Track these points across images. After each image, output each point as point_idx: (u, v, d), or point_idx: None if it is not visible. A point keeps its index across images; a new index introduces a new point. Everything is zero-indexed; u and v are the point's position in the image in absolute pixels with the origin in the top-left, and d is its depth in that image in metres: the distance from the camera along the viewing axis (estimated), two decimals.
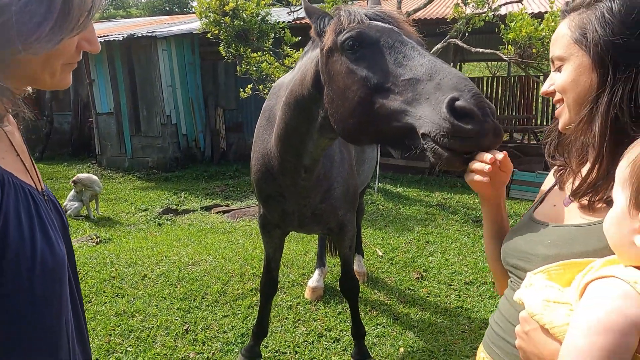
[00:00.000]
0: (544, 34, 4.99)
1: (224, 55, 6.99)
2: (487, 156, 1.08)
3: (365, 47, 1.47)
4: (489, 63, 20.85)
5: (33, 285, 0.86)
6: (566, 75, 1.01)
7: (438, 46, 6.36)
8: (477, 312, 3.68)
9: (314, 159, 2.16)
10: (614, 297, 0.74)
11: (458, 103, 1.14)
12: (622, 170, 0.83)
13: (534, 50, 5.21)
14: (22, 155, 0.99)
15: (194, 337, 3.25)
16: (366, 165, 3.14)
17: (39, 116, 11.23)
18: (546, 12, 5.49)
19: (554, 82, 1.06)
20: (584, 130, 0.99)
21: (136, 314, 3.53)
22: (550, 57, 1.08)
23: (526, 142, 11.49)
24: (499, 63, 20.30)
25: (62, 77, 0.92)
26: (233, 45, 6.84)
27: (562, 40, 1.02)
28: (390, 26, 1.51)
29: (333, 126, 1.66)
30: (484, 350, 1.15)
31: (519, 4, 6.03)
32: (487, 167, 1.08)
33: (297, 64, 2.07)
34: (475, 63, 20.98)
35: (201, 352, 3.09)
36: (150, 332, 3.30)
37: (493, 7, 5.79)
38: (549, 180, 1.23)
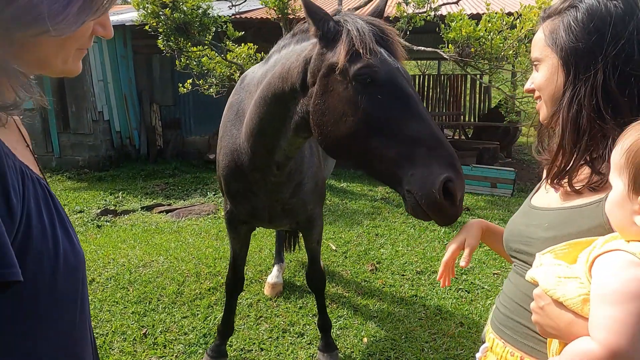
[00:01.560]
0: (481, 34, 5.27)
1: (162, 48, 6.72)
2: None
3: (375, 85, 1.52)
4: (419, 62, 21.64)
5: (57, 284, 0.80)
6: (542, 75, 1.13)
7: None
8: (430, 299, 3.84)
9: (288, 156, 2.14)
10: (626, 267, 0.83)
11: (451, 185, 1.33)
12: (617, 157, 0.92)
13: (472, 50, 5.49)
14: (30, 146, 0.92)
15: (153, 340, 3.13)
16: (330, 159, 3.17)
17: None
18: (480, 14, 5.81)
19: (534, 80, 1.17)
20: (555, 123, 1.10)
21: None
22: (530, 58, 1.20)
23: (457, 137, 12.09)
24: (428, 62, 21.14)
25: (74, 62, 0.85)
26: (172, 39, 6.59)
27: (538, 43, 1.14)
28: (397, 65, 1.58)
29: (317, 137, 1.70)
30: (492, 332, 1.21)
31: (457, 5, 6.32)
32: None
33: (273, 57, 2.04)
34: (405, 62, 21.65)
35: (163, 356, 2.98)
36: (105, 338, 3.13)
37: (433, 7, 6.03)
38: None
